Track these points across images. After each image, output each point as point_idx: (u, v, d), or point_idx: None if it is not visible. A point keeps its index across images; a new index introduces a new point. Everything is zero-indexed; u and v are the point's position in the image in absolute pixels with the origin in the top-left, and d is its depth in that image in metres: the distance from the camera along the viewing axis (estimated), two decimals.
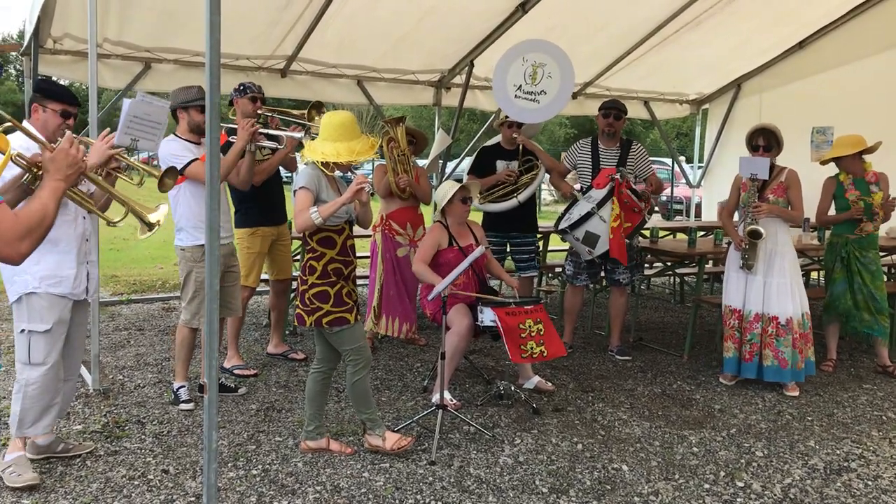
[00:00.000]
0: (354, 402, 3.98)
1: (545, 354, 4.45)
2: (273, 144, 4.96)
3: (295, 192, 3.76)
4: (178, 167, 4.42)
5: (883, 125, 6.80)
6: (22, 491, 3.48)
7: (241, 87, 5.16)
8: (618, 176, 5.50)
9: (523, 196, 6.02)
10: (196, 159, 4.44)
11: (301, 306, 3.85)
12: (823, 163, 5.74)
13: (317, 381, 3.98)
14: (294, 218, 3.72)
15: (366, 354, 3.89)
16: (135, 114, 3.58)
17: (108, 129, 3.54)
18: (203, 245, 4.41)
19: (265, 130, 4.75)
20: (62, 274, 3.56)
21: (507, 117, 6.05)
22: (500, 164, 6.12)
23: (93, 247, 3.80)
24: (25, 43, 6.24)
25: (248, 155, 4.70)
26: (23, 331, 3.52)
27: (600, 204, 5.52)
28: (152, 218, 3.34)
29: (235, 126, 4.74)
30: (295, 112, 5.21)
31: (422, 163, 6.49)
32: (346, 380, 3.91)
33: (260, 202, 5.30)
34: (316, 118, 5.11)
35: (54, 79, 6.65)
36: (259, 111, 5.09)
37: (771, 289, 5.14)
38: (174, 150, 4.46)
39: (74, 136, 2.58)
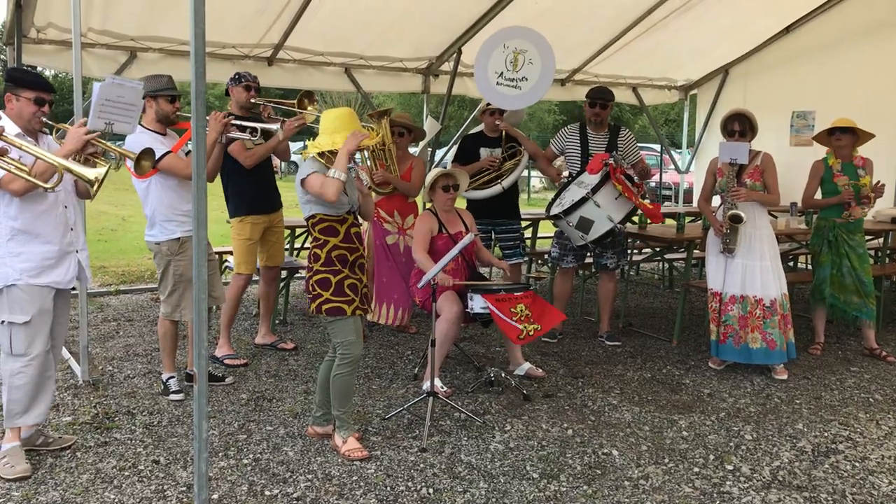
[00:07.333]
0: (332, 396, 3.90)
1: (540, 329, 4.47)
2: (246, 136, 4.96)
3: (303, 180, 3.74)
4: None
5: (866, 109, 6.81)
6: (12, 482, 3.47)
7: (237, 77, 5.25)
8: (612, 161, 5.49)
9: (507, 182, 6.02)
10: (168, 152, 4.37)
11: (307, 293, 3.91)
12: (816, 138, 5.73)
13: (329, 369, 3.95)
14: (322, 195, 3.64)
15: (354, 352, 3.83)
16: (106, 97, 3.53)
17: (84, 118, 3.52)
18: (178, 238, 4.49)
19: (237, 122, 4.72)
20: (44, 264, 3.56)
21: (489, 105, 6.04)
22: (484, 152, 6.10)
23: (79, 235, 3.78)
24: (7, 32, 6.16)
25: (217, 146, 4.63)
26: (3, 322, 3.53)
27: (595, 189, 5.50)
28: (90, 175, 3.33)
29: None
30: (286, 101, 5.32)
31: (413, 150, 6.44)
32: (332, 371, 3.87)
33: (250, 190, 5.26)
34: (308, 107, 5.26)
35: (39, 69, 6.58)
36: (253, 99, 5.19)
37: (754, 271, 5.16)
38: (144, 143, 4.21)
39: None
